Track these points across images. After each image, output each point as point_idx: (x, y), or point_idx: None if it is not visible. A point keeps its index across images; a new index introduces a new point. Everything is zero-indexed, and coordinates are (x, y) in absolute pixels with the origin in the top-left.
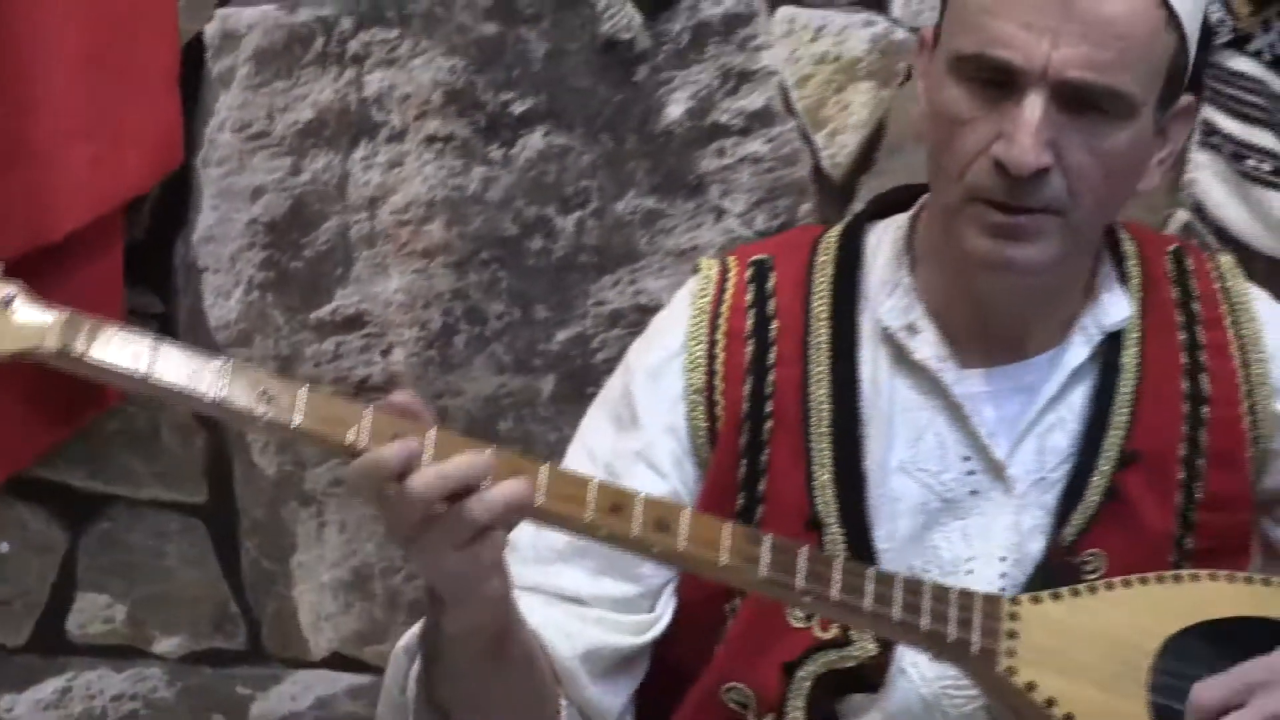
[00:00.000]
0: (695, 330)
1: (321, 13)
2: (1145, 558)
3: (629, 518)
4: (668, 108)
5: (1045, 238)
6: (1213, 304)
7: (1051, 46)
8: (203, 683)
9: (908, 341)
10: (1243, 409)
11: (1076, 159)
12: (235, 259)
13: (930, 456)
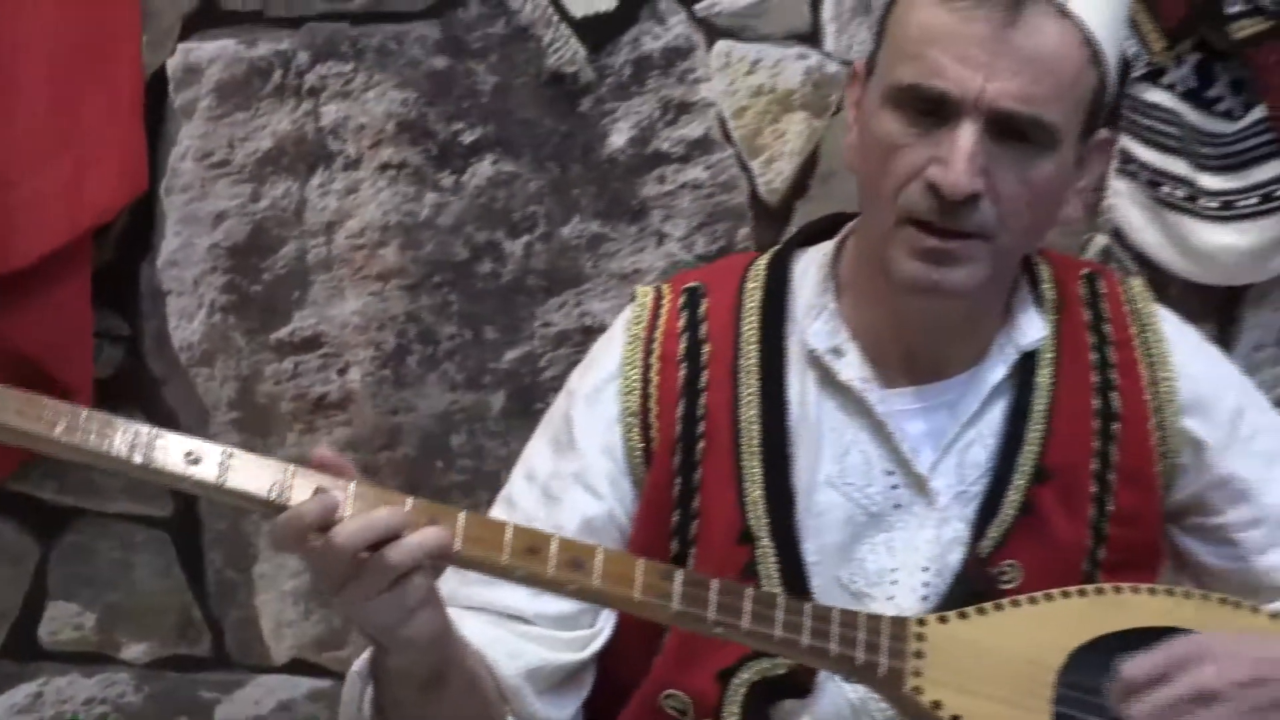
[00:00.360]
0: (630, 355)
1: (279, 47)
2: (1059, 569)
3: (544, 559)
4: (611, 137)
5: (973, 262)
6: (1123, 325)
7: (986, 79)
8: (169, 687)
9: (833, 363)
10: (1151, 425)
11: (1006, 186)
12: (198, 282)
13: (856, 472)
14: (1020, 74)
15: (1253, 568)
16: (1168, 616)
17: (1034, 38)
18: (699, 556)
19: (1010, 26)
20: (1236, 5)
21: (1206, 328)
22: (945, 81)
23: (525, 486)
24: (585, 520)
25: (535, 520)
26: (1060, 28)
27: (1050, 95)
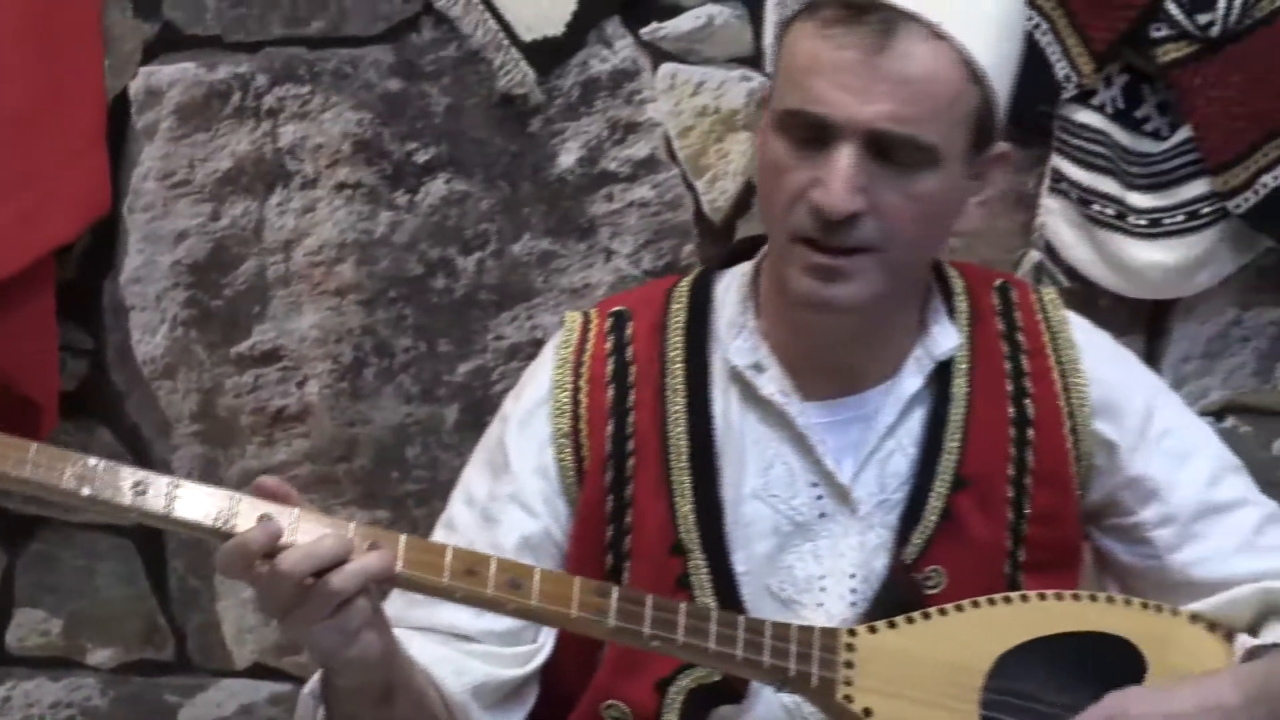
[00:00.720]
0: (560, 378)
1: (238, 70)
2: (981, 572)
3: (483, 580)
4: (560, 156)
5: (863, 276)
6: (1035, 334)
7: (861, 103)
8: (134, 691)
9: (754, 379)
10: (1065, 430)
11: (889, 202)
12: (160, 298)
13: (781, 484)
14: (893, 96)
15: (1167, 565)
16: (1090, 622)
17: (906, 61)
18: (633, 570)
19: (881, 52)
20: (1162, 30)
21: (1136, 340)
22: (823, 106)
23: (464, 510)
24: (523, 539)
25: (475, 542)
26: (934, 50)
27: (924, 115)
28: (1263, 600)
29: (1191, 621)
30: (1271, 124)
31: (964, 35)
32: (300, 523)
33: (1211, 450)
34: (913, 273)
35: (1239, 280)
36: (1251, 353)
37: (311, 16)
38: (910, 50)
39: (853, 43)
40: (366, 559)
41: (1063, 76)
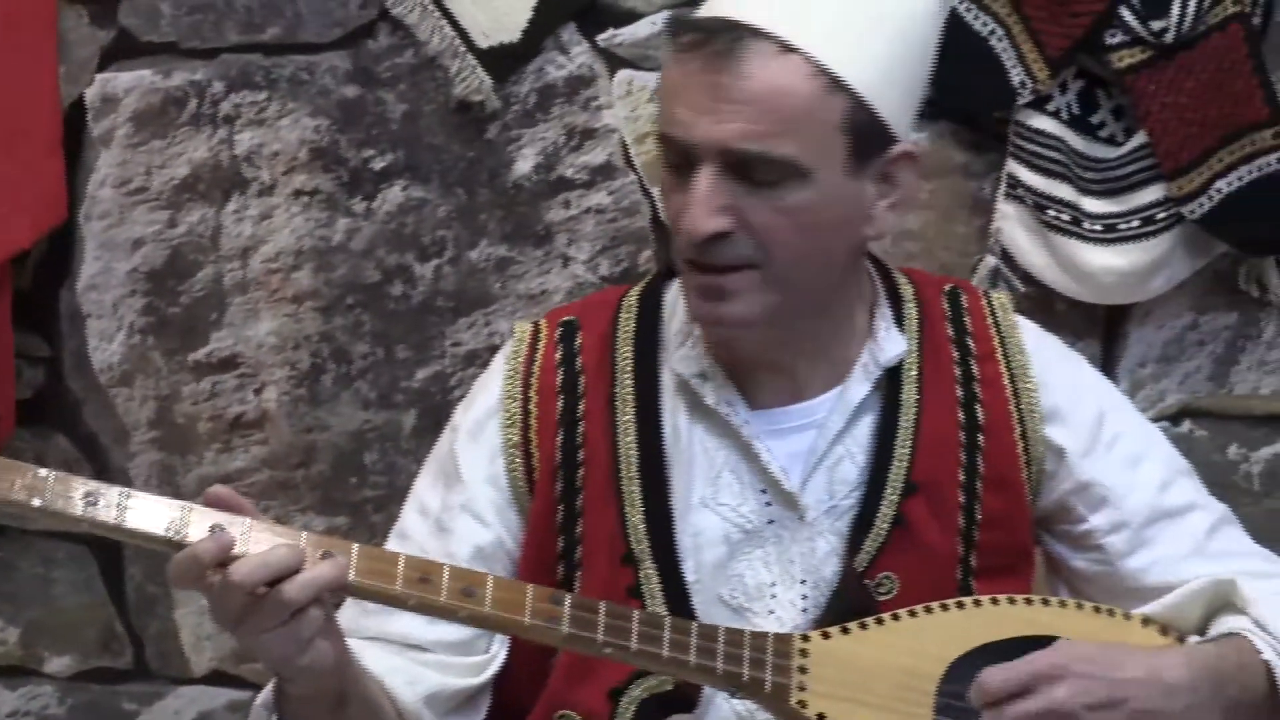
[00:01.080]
0: (510, 389)
1: (194, 77)
2: (933, 578)
3: (437, 587)
4: (517, 163)
5: (747, 293)
6: (986, 339)
7: (713, 123)
8: (92, 699)
9: (699, 388)
10: (1015, 435)
11: (760, 219)
12: (117, 305)
13: (729, 492)
14: (742, 115)
15: (1119, 571)
16: (1042, 626)
17: (753, 79)
18: (584, 579)
19: (727, 72)
20: (1117, 36)
21: (1092, 345)
22: (680, 129)
23: (418, 520)
24: (476, 549)
25: (429, 551)
26: (784, 64)
27: (777, 130)
28: (1211, 595)
29: (1143, 625)
30: (1226, 129)
31: (818, 46)
32: (252, 532)
33: (1162, 455)
34: (810, 284)
35: (1194, 285)
36: (1207, 357)
37: (267, 23)
38: (759, 67)
39: (701, 64)
40: (319, 568)
41: (1018, 82)
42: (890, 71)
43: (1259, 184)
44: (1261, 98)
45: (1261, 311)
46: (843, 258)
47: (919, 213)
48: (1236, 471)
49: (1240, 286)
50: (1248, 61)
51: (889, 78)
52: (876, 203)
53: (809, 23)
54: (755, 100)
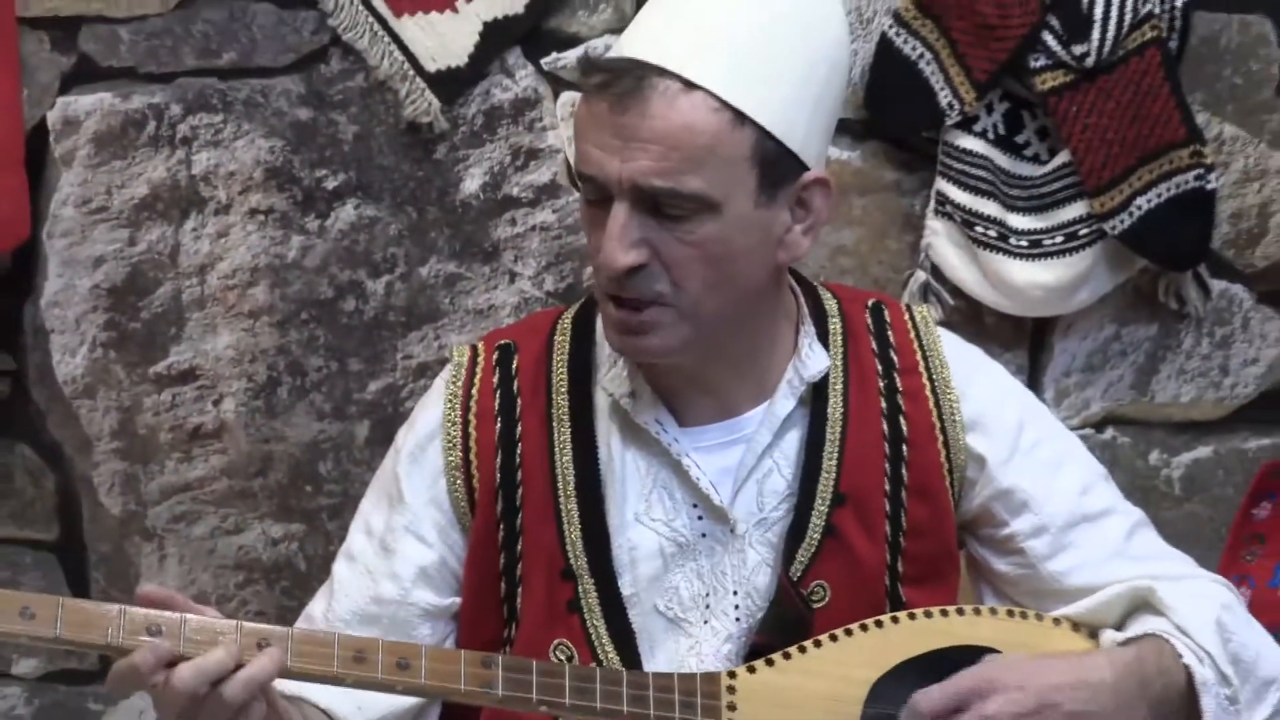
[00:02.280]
0: (450, 413)
1: (153, 100)
2: (863, 585)
3: (372, 665)
4: (465, 182)
5: (663, 328)
6: (908, 352)
7: (621, 161)
8: (58, 699)
9: (629, 408)
10: (938, 445)
11: (671, 252)
12: (80, 321)
13: (662, 507)
14: (648, 152)
15: (1040, 574)
16: (960, 636)
17: (657, 117)
18: (525, 595)
19: (633, 112)
20: (1040, 59)
21: (1019, 356)
22: (592, 168)
23: (364, 541)
24: (420, 569)
25: (374, 570)
26: (689, 101)
27: (683, 166)
28: (1131, 598)
29: (1057, 624)
30: (1144, 149)
31: (720, 83)
32: (187, 628)
33: (1080, 461)
34: (730, 310)
35: (1116, 298)
36: (1129, 367)
37: (223, 48)
38: (662, 105)
39: (609, 105)
40: (256, 665)
41: (946, 104)
42: (797, 103)
43: (1176, 201)
44: (1178, 119)
45: (1180, 323)
46: (758, 283)
47: (853, 229)
48: (1158, 476)
49: (1160, 299)
50: (1164, 84)
51: (795, 109)
52: (791, 228)
53: (711, 60)
54: (661, 138)
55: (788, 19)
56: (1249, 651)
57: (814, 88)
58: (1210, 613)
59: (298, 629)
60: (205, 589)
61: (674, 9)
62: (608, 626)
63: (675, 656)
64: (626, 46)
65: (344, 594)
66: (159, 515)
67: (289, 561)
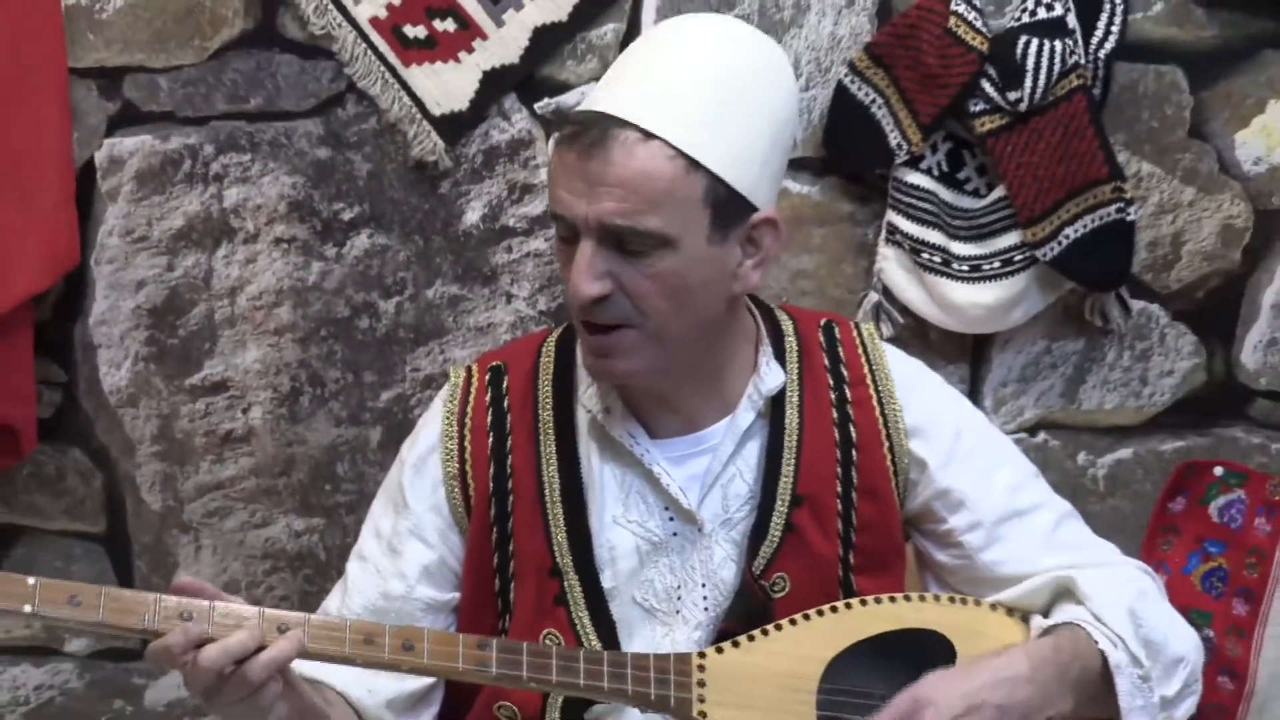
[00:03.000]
0: (448, 429)
1: (189, 141)
2: (819, 577)
3: (380, 646)
4: (466, 214)
5: (630, 350)
6: (857, 366)
7: (588, 203)
8: (105, 675)
9: (605, 422)
10: (884, 450)
11: (634, 284)
12: (124, 338)
13: (637, 510)
14: (612, 194)
15: (976, 564)
16: (907, 620)
17: (620, 164)
18: (518, 590)
19: (597, 159)
20: (979, 104)
21: (961, 368)
22: (563, 208)
23: (374, 543)
24: (423, 568)
25: (383, 569)
26: (647, 150)
27: (643, 208)
28: (1055, 587)
29: (993, 609)
30: (1072, 184)
31: (676, 133)
32: (215, 612)
33: (1012, 461)
34: (691, 334)
35: (1047, 316)
36: (1059, 378)
37: (250, 94)
38: (624, 153)
39: (577, 153)
40: (277, 648)
41: (895, 144)
42: (747, 150)
43: (1100, 231)
44: (1101, 157)
45: (1104, 339)
46: (715, 311)
47: (812, 255)
48: (1085, 475)
49: (1086, 317)
50: (1089, 127)
51: (746, 155)
52: (742, 263)
53: (668, 112)
54: (622, 183)
55: (740, 75)
56: (1159, 634)
57: (764, 137)
58: (1125, 599)
59: (314, 615)
60: (236, 576)
61: (637, 67)
62: (591, 617)
63: (651, 642)
64: (595, 100)
65: (356, 590)
66: (194, 510)
67: (310, 552)
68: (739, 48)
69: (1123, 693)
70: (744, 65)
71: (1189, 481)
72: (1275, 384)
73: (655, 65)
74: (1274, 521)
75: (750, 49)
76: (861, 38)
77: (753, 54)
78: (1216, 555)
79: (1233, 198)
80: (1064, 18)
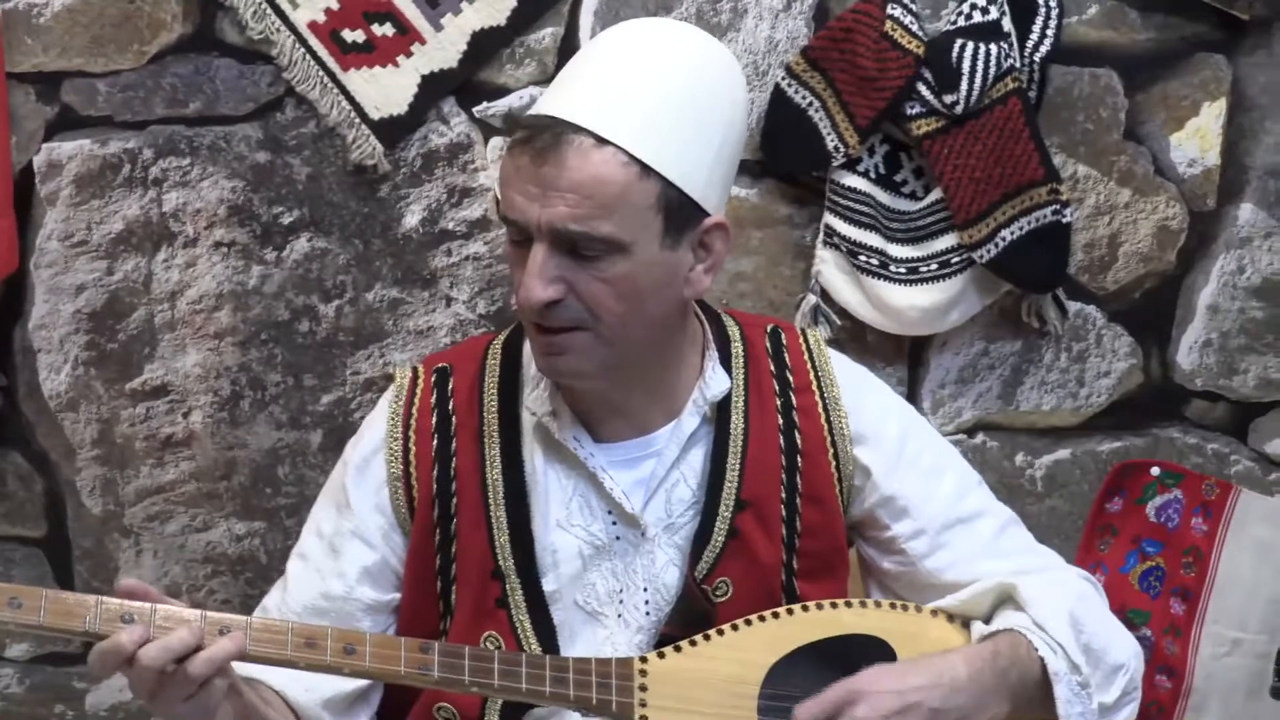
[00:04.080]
0: (393, 429)
1: (128, 145)
2: (762, 581)
3: (322, 650)
4: (406, 217)
5: (579, 349)
6: (803, 372)
7: (541, 208)
8: (47, 679)
9: (550, 425)
10: (829, 456)
11: (586, 287)
12: (63, 342)
13: (580, 514)
14: (564, 199)
15: (919, 570)
16: (847, 626)
17: (572, 169)
18: (459, 592)
19: (551, 164)
20: (915, 107)
21: (899, 370)
22: (515, 213)
23: (315, 542)
24: (364, 569)
25: (323, 569)
26: (600, 155)
27: (595, 213)
28: (997, 593)
29: (934, 615)
30: (1007, 186)
31: (629, 139)
32: (157, 616)
33: (956, 469)
34: (641, 337)
35: (984, 319)
36: (997, 379)
37: (189, 99)
38: (578, 159)
39: (530, 157)
40: (219, 646)
41: (832, 147)
42: (699, 156)
43: (1036, 233)
44: (1037, 160)
45: (1041, 340)
46: (665, 315)
47: (750, 257)
48: (1022, 476)
49: (1023, 319)
50: (1025, 130)
51: (697, 162)
52: (694, 267)
53: (621, 119)
54: (576, 188)
55: (692, 82)
56: (1099, 641)
57: (714, 143)
58: (1065, 606)
59: (255, 618)
60: (177, 580)
61: (589, 72)
62: (532, 621)
63: (592, 646)
64: (547, 105)
65: (296, 589)
66: (135, 515)
67: (252, 555)
68: (691, 53)
69: (1061, 699)
70: (695, 70)
71: (1126, 481)
72: (1210, 385)
73: (607, 70)
74: (1210, 521)
75: (702, 54)
76: (798, 41)
77: (704, 59)
78: (1154, 555)
79: (1168, 199)
80: (999, 21)
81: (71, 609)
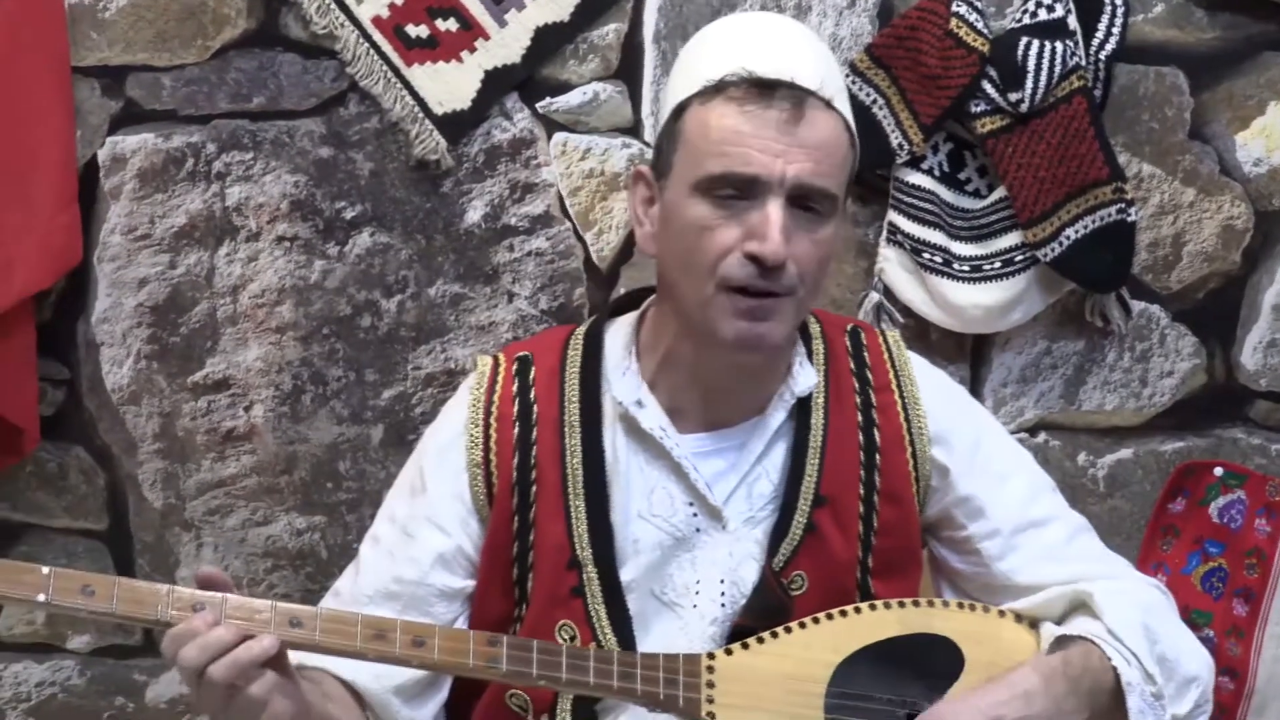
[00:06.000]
0: (474, 416)
1: (191, 139)
2: (836, 577)
3: (391, 641)
4: (468, 213)
5: (782, 315)
6: (882, 372)
7: (786, 163)
8: (107, 671)
9: (636, 414)
10: (907, 455)
11: (802, 249)
12: (126, 335)
13: (662, 505)
14: (810, 155)
15: (991, 572)
16: (915, 625)
17: (815, 127)
18: (535, 580)
19: (797, 121)
20: (980, 105)
21: (961, 368)
22: (753, 167)
23: (388, 527)
24: (438, 555)
25: (395, 553)
26: (830, 118)
27: (831, 170)
28: (1070, 599)
29: (1002, 617)
30: (1072, 185)
31: (844, 109)
32: (227, 606)
33: (1029, 473)
34: (807, 314)
35: (1047, 317)
36: (1059, 379)
37: (253, 93)
38: (817, 118)
39: (773, 115)
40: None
41: (896, 145)
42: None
43: (1100, 232)
44: (1102, 159)
45: (1104, 339)
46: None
47: None
48: (1084, 476)
49: (1086, 318)
50: (1090, 128)
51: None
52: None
53: (837, 89)
54: (820, 145)
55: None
56: (1173, 652)
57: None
58: (1139, 616)
59: (325, 609)
60: (238, 574)
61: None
62: (607, 610)
63: (666, 636)
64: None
65: (368, 572)
66: (196, 508)
67: (312, 550)
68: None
69: (1134, 710)
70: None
71: (1189, 482)
72: (1275, 385)
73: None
74: (1274, 522)
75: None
76: (862, 39)
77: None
78: (1216, 556)
79: (1233, 199)
80: (1065, 19)
81: (143, 598)
